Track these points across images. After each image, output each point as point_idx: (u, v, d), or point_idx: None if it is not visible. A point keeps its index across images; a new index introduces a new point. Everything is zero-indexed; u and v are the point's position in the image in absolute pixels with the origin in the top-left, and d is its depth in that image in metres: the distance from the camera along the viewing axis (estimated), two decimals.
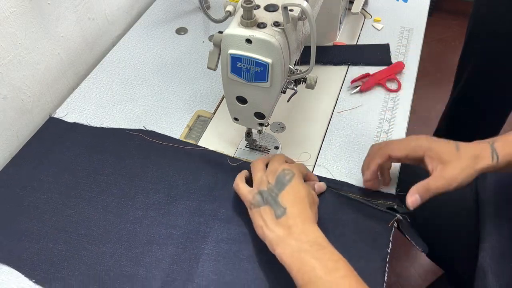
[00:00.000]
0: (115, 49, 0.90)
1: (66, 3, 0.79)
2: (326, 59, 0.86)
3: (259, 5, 0.55)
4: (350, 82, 0.82)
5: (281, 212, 0.55)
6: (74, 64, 0.85)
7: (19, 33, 0.71)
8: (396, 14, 0.97)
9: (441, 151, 0.56)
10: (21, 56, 0.72)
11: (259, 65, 0.54)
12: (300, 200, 0.57)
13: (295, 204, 0.56)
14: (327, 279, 0.49)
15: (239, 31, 0.53)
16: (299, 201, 0.57)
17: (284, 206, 0.56)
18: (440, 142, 0.57)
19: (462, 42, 1.17)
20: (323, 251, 0.52)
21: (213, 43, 0.57)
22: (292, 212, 0.55)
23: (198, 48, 0.90)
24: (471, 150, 0.56)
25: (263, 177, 0.60)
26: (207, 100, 0.80)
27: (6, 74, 0.70)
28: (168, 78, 0.84)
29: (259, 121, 0.64)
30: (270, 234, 0.55)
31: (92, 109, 0.78)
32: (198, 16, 0.97)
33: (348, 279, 0.49)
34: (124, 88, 0.82)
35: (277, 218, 0.55)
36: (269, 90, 0.57)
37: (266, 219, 0.56)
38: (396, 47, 0.89)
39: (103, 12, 0.89)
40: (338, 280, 0.49)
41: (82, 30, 0.85)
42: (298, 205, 0.56)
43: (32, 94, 0.77)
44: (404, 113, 0.77)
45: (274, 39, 0.52)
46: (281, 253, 0.53)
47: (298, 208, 0.56)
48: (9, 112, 0.73)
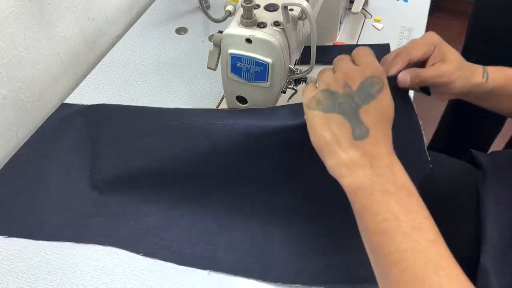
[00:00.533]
0: (115, 49, 0.89)
1: (66, 3, 0.79)
2: (326, 59, 0.86)
3: (259, 4, 0.55)
4: None
5: (363, 132, 0.44)
6: (74, 64, 0.85)
7: (19, 33, 0.71)
8: (396, 14, 0.97)
9: (448, 52, 0.54)
10: (21, 56, 0.72)
11: (259, 65, 0.54)
12: (387, 122, 0.45)
13: (381, 126, 0.44)
14: (412, 238, 0.39)
15: (239, 31, 0.53)
16: (386, 123, 0.45)
17: (366, 125, 0.44)
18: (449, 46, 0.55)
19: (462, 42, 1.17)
20: (411, 199, 0.41)
21: (213, 43, 0.57)
22: (377, 137, 0.44)
23: (198, 48, 0.90)
24: (470, 65, 0.55)
25: (336, 76, 0.47)
26: (207, 100, 0.80)
27: (6, 74, 0.70)
28: (168, 78, 0.84)
29: None
30: (343, 154, 0.43)
31: None
32: (198, 16, 0.97)
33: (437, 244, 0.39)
34: (124, 88, 0.82)
35: (355, 138, 0.44)
36: (269, 90, 0.57)
37: (338, 133, 0.44)
38: (396, 47, 0.89)
39: (103, 12, 0.89)
40: (424, 241, 0.39)
41: (82, 30, 0.85)
42: (384, 128, 0.45)
43: (32, 94, 0.77)
44: None
45: (274, 39, 0.52)
46: (352, 180, 0.43)
47: (384, 133, 0.44)
48: (9, 112, 0.73)
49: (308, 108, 0.47)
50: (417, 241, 0.39)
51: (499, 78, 0.56)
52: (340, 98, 0.45)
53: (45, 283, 0.57)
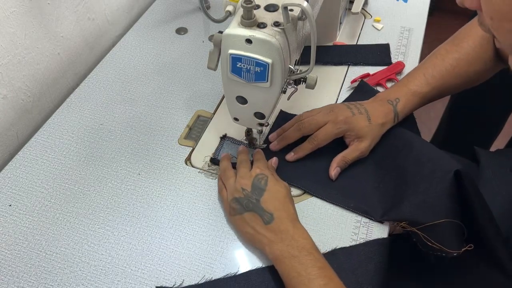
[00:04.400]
0: (115, 49, 0.89)
1: (66, 3, 0.79)
2: (326, 59, 0.86)
3: (259, 5, 0.55)
4: (350, 82, 0.82)
5: (269, 218, 0.58)
6: (74, 64, 0.85)
7: (19, 33, 0.71)
8: (396, 14, 0.97)
9: (357, 129, 0.67)
10: (21, 56, 0.72)
11: (259, 65, 0.54)
12: (283, 201, 0.60)
13: (279, 207, 0.59)
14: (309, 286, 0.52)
15: (239, 31, 0.53)
16: (282, 202, 0.60)
17: (269, 212, 0.58)
18: (355, 119, 0.68)
19: None
20: (309, 257, 0.54)
21: (213, 43, 0.57)
22: (280, 217, 0.58)
23: (198, 48, 0.90)
24: (379, 119, 0.68)
25: (236, 185, 0.62)
26: (207, 100, 0.80)
27: (6, 74, 0.70)
28: (168, 78, 0.84)
29: (259, 121, 0.64)
30: (263, 238, 0.57)
31: (92, 109, 0.78)
32: (198, 16, 0.97)
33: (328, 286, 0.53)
34: (124, 88, 0.82)
35: (266, 224, 0.58)
36: (269, 90, 0.57)
37: (254, 225, 0.58)
38: (396, 47, 0.89)
39: (103, 12, 0.89)
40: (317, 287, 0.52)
41: (82, 30, 0.85)
42: (282, 207, 0.59)
43: (32, 94, 0.77)
44: None
45: (274, 39, 0.52)
46: (271, 253, 0.56)
47: (284, 210, 0.59)
48: (9, 112, 0.73)
49: (230, 215, 0.62)
50: None
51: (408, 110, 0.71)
52: (244, 200, 0.60)
53: (45, 283, 0.58)
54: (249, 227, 0.59)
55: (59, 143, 0.73)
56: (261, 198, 0.59)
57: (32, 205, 0.65)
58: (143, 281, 0.58)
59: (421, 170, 0.64)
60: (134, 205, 0.66)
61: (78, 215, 0.64)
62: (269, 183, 0.61)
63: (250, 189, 0.60)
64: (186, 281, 0.58)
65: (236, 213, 0.60)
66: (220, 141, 0.73)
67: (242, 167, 0.64)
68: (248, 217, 0.59)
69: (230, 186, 0.62)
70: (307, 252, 0.55)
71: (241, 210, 0.60)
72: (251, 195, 0.60)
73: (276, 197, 0.60)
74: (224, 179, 0.65)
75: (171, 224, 0.63)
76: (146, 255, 0.60)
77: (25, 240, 0.62)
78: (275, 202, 0.59)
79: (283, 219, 0.58)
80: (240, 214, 0.60)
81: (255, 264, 0.60)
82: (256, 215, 0.58)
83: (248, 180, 0.61)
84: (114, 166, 0.70)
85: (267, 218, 0.58)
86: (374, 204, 0.64)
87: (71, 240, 0.62)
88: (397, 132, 0.70)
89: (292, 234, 0.56)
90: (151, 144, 0.73)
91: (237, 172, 0.64)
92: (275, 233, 0.57)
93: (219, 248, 0.61)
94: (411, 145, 0.67)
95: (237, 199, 0.60)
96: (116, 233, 0.62)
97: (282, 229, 0.57)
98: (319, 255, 0.55)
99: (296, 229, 0.57)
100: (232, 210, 0.61)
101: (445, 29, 1.99)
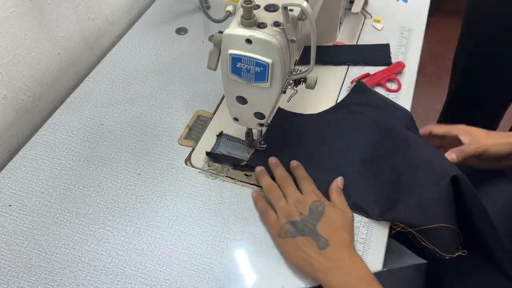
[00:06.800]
0: (115, 49, 0.89)
1: (66, 3, 0.79)
2: (326, 59, 0.86)
3: (259, 5, 0.55)
4: (350, 82, 0.82)
5: (324, 243, 0.56)
6: (74, 64, 0.85)
7: (19, 33, 0.71)
8: (396, 14, 0.97)
9: (472, 129, 0.71)
10: (21, 56, 0.72)
11: (259, 65, 0.54)
12: (339, 228, 0.58)
13: (335, 234, 0.57)
14: None
15: (239, 31, 0.53)
16: (338, 229, 0.58)
17: (325, 237, 0.57)
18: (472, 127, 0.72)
19: None
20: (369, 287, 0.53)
21: (213, 43, 0.57)
22: (336, 243, 0.56)
23: (198, 48, 0.90)
24: (500, 133, 0.70)
25: (291, 207, 0.60)
26: (207, 100, 0.80)
27: (6, 74, 0.70)
28: (168, 78, 0.84)
29: (259, 121, 0.64)
30: (316, 263, 0.55)
31: (92, 109, 0.78)
32: (198, 16, 0.97)
33: None
34: (124, 88, 0.82)
35: (320, 249, 0.56)
36: (269, 90, 0.57)
37: (307, 250, 0.56)
38: (396, 47, 0.89)
39: (103, 12, 0.89)
40: None
41: (82, 30, 0.85)
42: (338, 234, 0.58)
43: (32, 94, 0.77)
44: None
45: (274, 39, 0.52)
46: (326, 281, 0.54)
47: (340, 237, 0.57)
48: (9, 112, 0.73)
49: (280, 237, 0.59)
50: None
51: None
52: (299, 224, 0.58)
53: (45, 283, 0.58)
54: (301, 251, 0.57)
55: (59, 143, 0.73)
56: (318, 223, 0.58)
57: (32, 205, 0.65)
58: (143, 281, 0.58)
59: (416, 173, 0.64)
60: (134, 205, 0.66)
61: (78, 215, 0.64)
62: (327, 210, 0.60)
63: (308, 213, 0.59)
64: (186, 281, 0.58)
65: (288, 236, 0.58)
66: (216, 139, 0.73)
67: (288, 186, 0.63)
68: (302, 241, 0.57)
69: (283, 208, 0.61)
70: (367, 283, 0.54)
71: (295, 233, 0.58)
72: (308, 219, 0.59)
73: (333, 224, 0.58)
74: (272, 199, 0.63)
75: (171, 224, 0.64)
76: (146, 255, 0.60)
77: (25, 240, 0.62)
78: (332, 229, 0.58)
79: (339, 245, 0.56)
80: (292, 238, 0.58)
81: (255, 264, 0.60)
82: (310, 239, 0.57)
83: (306, 204, 0.60)
84: (114, 166, 0.70)
85: (322, 243, 0.56)
86: (370, 202, 0.64)
87: (71, 240, 0.62)
88: (396, 130, 0.70)
89: (348, 262, 0.55)
90: (151, 144, 0.73)
91: (284, 190, 0.63)
92: (330, 259, 0.55)
93: (219, 248, 0.61)
94: (409, 145, 0.67)
95: (292, 222, 0.59)
96: (116, 233, 0.62)
97: (338, 256, 0.55)
98: (379, 286, 0.54)
99: (353, 257, 0.56)
100: (283, 232, 0.59)
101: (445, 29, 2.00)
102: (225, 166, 0.70)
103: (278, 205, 0.62)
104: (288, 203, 0.61)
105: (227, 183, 0.68)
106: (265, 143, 0.71)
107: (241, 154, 0.71)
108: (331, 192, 0.64)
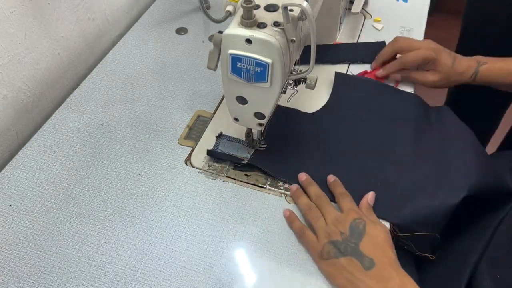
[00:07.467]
0: (115, 49, 0.89)
1: (66, 3, 0.79)
2: (326, 59, 0.86)
3: (259, 5, 0.55)
4: None
5: (369, 263, 0.54)
6: (74, 64, 0.85)
7: (19, 33, 0.71)
8: (396, 14, 0.97)
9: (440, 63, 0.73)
10: (21, 56, 0.72)
11: (259, 65, 0.54)
12: (383, 246, 0.56)
13: (380, 252, 0.55)
14: None
15: (239, 31, 0.53)
16: (382, 247, 0.56)
17: (369, 257, 0.55)
18: (444, 55, 0.74)
19: None
20: None
21: (213, 43, 0.57)
22: (382, 263, 0.54)
23: (198, 48, 0.90)
24: (460, 68, 0.73)
25: (330, 228, 0.58)
26: (207, 100, 0.80)
27: (6, 74, 0.70)
28: (168, 78, 0.84)
29: (259, 121, 0.64)
30: (362, 285, 0.53)
31: (92, 109, 0.78)
32: (198, 16, 0.97)
33: None
34: (124, 88, 0.82)
35: (366, 269, 0.54)
36: (269, 90, 0.57)
37: (352, 271, 0.54)
38: None
39: (103, 12, 0.89)
40: None
41: (82, 30, 0.85)
42: (383, 253, 0.55)
43: (32, 94, 0.77)
44: None
45: (274, 39, 0.52)
46: None
47: (385, 256, 0.55)
48: (9, 112, 0.73)
49: (322, 259, 0.57)
50: None
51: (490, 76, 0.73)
52: (341, 244, 0.56)
53: (45, 283, 0.58)
54: (346, 273, 0.55)
55: (59, 143, 0.73)
56: (360, 242, 0.56)
57: (32, 205, 0.65)
58: (143, 281, 0.58)
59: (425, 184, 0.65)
60: (134, 205, 0.66)
61: (78, 215, 0.64)
62: (368, 227, 0.57)
63: (349, 233, 0.57)
64: (186, 281, 0.58)
65: (330, 257, 0.56)
66: (216, 140, 0.73)
67: (326, 205, 0.61)
68: (345, 262, 0.55)
69: (322, 227, 0.59)
70: None
71: (338, 254, 0.56)
72: (349, 239, 0.56)
73: (376, 241, 0.56)
74: (311, 219, 0.61)
75: (171, 224, 0.64)
76: (146, 255, 0.60)
77: (25, 240, 0.62)
78: (375, 247, 0.56)
79: (385, 265, 0.54)
80: (336, 258, 0.56)
81: (255, 264, 0.60)
82: (354, 260, 0.55)
83: (346, 223, 0.58)
84: (114, 166, 0.70)
85: (367, 263, 0.54)
86: None
87: (71, 240, 0.62)
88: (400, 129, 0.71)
89: (399, 283, 0.52)
90: (151, 144, 0.73)
91: (322, 210, 0.61)
92: (377, 280, 0.53)
93: (219, 248, 0.61)
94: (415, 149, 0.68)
95: (334, 242, 0.57)
96: (116, 233, 0.62)
97: (386, 276, 0.53)
98: None
99: (401, 276, 0.53)
100: (325, 253, 0.57)
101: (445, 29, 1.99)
102: (225, 166, 0.70)
103: (318, 225, 0.59)
104: (327, 223, 0.59)
105: (227, 183, 0.68)
106: (265, 143, 0.71)
107: (241, 154, 0.71)
108: (360, 208, 0.62)
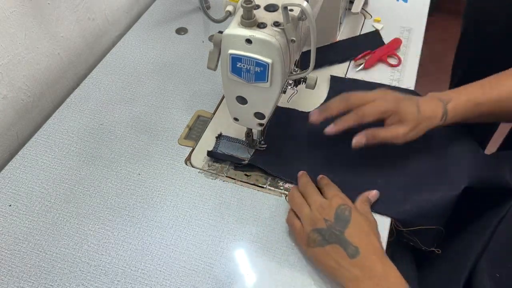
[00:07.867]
0: (115, 49, 0.89)
1: (66, 3, 0.79)
2: (326, 59, 0.86)
3: (259, 5, 0.55)
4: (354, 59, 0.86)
5: (354, 251, 0.54)
6: (74, 64, 0.85)
7: (19, 33, 0.71)
8: (396, 14, 0.97)
9: (404, 112, 0.62)
10: (21, 56, 0.72)
11: (259, 65, 0.54)
12: (368, 234, 0.56)
13: (365, 240, 0.55)
14: None
15: (239, 31, 0.53)
16: (367, 235, 0.56)
17: (355, 245, 0.54)
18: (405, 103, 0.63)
19: None
20: None
21: (213, 43, 0.57)
22: (367, 251, 0.54)
23: (198, 48, 0.90)
24: (427, 112, 0.63)
25: (315, 214, 0.58)
26: (207, 100, 0.80)
27: (6, 74, 0.70)
28: (168, 78, 0.84)
29: (259, 121, 0.64)
30: (346, 273, 0.53)
31: (92, 109, 0.78)
32: (198, 16, 0.97)
33: None
34: (124, 88, 0.82)
35: (351, 258, 0.54)
36: (269, 90, 0.57)
37: (337, 259, 0.54)
38: None
39: (103, 12, 0.89)
40: None
41: (82, 30, 0.85)
42: (368, 241, 0.55)
43: (32, 94, 0.77)
44: None
45: (274, 39, 0.52)
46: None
47: (370, 245, 0.55)
48: (9, 112, 0.73)
49: (309, 246, 0.57)
50: None
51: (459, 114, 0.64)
52: (326, 231, 0.56)
53: (45, 283, 0.58)
54: (331, 260, 0.55)
55: (59, 143, 0.73)
56: (345, 229, 0.55)
57: (32, 205, 0.65)
58: (143, 281, 0.58)
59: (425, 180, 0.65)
60: (134, 205, 0.66)
61: (78, 215, 0.64)
62: (353, 214, 0.57)
63: (334, 220, 0.56)
64: (186, 281, 0.58)
65: (316, 245, 0.56)
66: (216, 141, 0.73)
67: (311, 192, 0.61)
68: (331, 249, 0.55)
69: (307, 215, 0.58)
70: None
71: (323, 242, 0.56)
72: (334, 226, 0.56)
73: (361, 229, 0.56)
74: (295, 206, 0.61)
75: (171, 224, 0.64)
76: (146, 255, 0.60)
77: (25, 240, 0.62)
78: (361, 235, 0.55)
79: (370, 253, 0.54)
80: (321, 247, 0.56)
81: (255, 264, 0.60)
82: (339, 247, 0.54)
83: (331, 210, 0.57)
84: (114, 166, 0.70)
85: (351, 251, 0.54)
86: None
87: (71, 240, 0.62)
88: None
89: (381, 272, 0.52)
90: (151, 144, 0.73)
91: (309, 198, 0.60)
92: (361, 268, 0.53)
93: (219, 248, 0.61)
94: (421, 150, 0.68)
95: (318, 230, 0.56)
96: (116, 233, 0.62)
97: (370, 265, 0.53)
98: None
99: (385, 266, 0.53)
100: (311, 241, 0.57)
101: (445, 29, 2.00)
102: (225, 166, 0.70)
103: (302, 213, 0.59)
104: (311, 210, 0.58)
105: (227, 183, 0.68)
106: (265, 143, 0.71)
107: (241, 154, 0.71)
108: (357, 200, 0.62)
